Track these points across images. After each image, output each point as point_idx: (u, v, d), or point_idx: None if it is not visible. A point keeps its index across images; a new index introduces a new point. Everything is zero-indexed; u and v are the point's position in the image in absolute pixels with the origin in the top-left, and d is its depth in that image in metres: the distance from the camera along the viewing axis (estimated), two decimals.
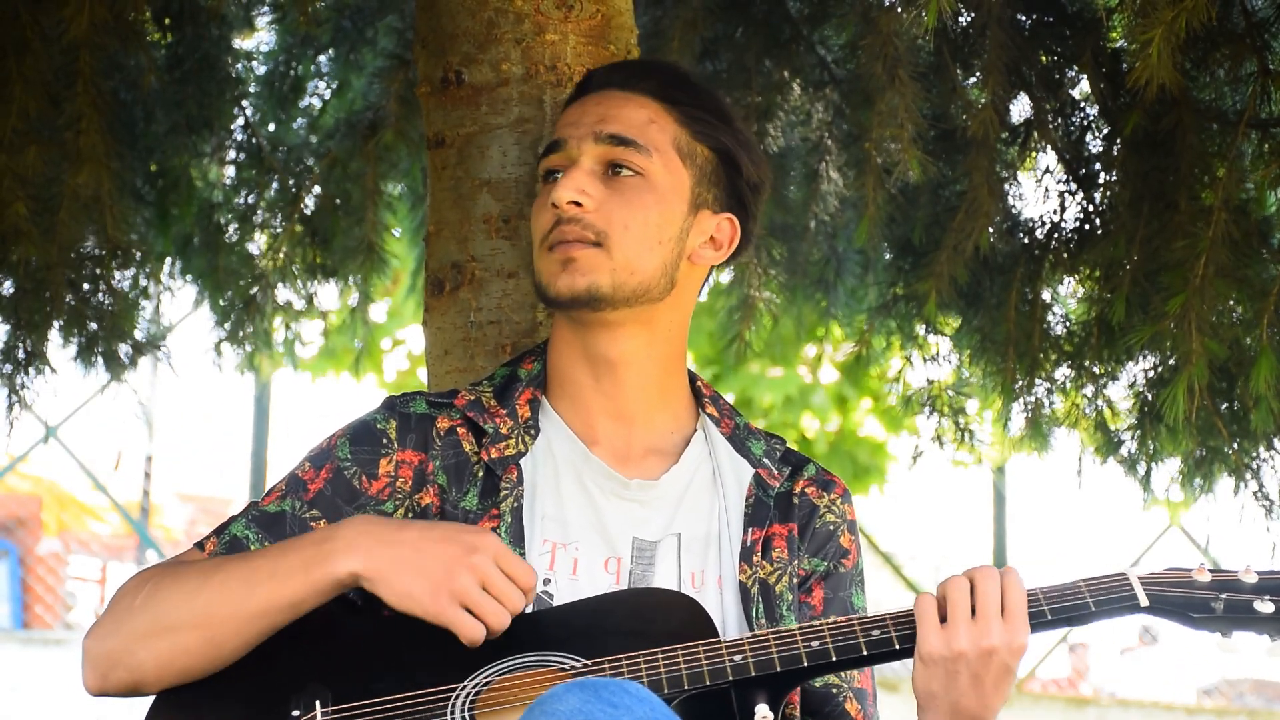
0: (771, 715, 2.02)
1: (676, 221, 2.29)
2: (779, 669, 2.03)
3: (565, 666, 2.04)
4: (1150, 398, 3.48)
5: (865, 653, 2.05)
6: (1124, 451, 3.67)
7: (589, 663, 2.04)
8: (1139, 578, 2.07)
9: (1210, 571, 2.07)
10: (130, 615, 2.12)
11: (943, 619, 2.04)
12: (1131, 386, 3.60)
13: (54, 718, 8.21)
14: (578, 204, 2.23)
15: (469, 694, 2.03)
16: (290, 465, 2.29)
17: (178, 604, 2.10)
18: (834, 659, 2.04)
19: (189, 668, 2.10)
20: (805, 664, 2.03)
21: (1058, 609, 2.06)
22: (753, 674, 2.02)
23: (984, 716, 2.05)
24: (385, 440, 2.26)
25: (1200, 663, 12.31)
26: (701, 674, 2.02)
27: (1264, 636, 2.06)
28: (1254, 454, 3.46)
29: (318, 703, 2.04)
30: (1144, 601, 2.05)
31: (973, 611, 2.03)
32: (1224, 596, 2.04)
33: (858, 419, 10.98)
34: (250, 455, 9.47)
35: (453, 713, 2.01)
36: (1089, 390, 3.65)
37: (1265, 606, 2.03)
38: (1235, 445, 3.42)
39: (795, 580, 2.27)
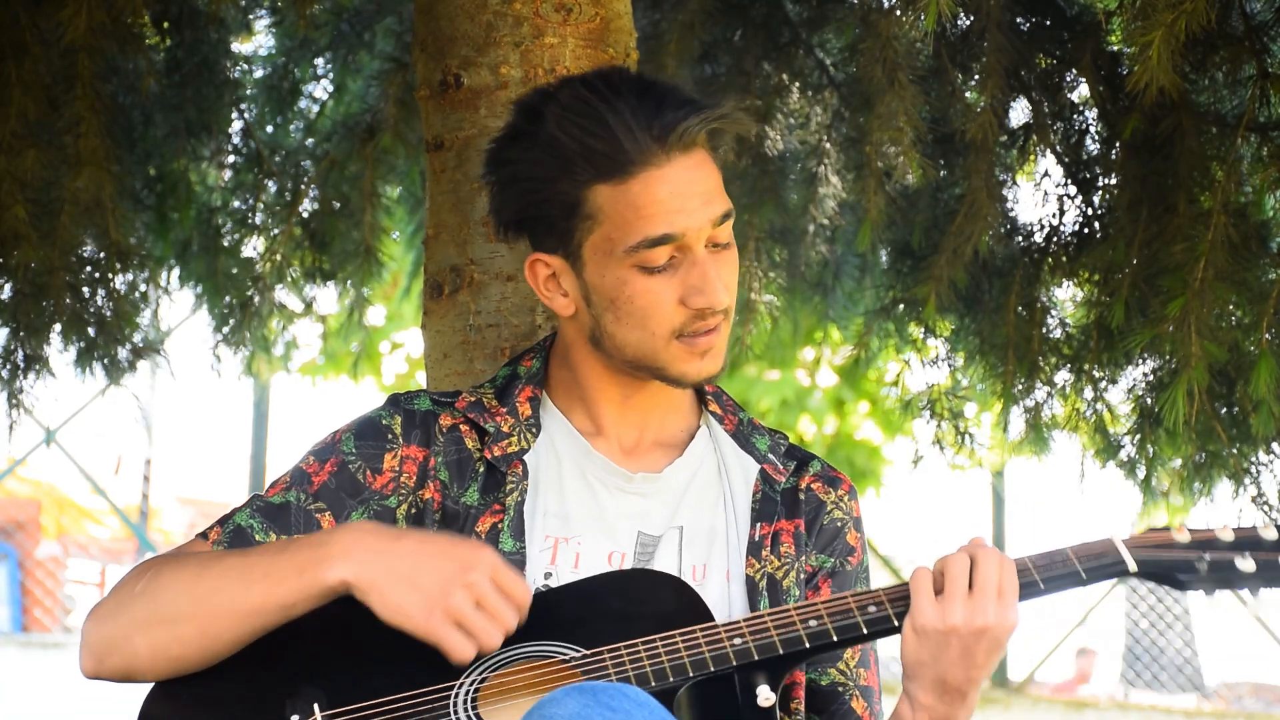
0: (774, 696, 2.03)
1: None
2: (781, 652, 2.03)
3: (566, 657, 2.04)
4: (1150, 401, 3.48)
5: (865, 631, 2.06)
6: (1123, 455, 3.67)
7: (588, 653, 2.04)
8: (1124, 541, 2.09)
9: (1189, 530, 2.11)
10: (130, 602, 2.12)
11: (938, 592, 2.05)
12: (1131, 390, 3.59)
13: None
14: None
15: (469, 691, 2.03)
16: (294, 460, 2.29)
17: (175, 595, 2.10)
18: (834, 639, 2.05)
19: (182, 658, 2.10)
20: (807, 645, 2.04)
21: (1049, 578, 2.08)
22: (755, 658, 2.02)
23: (967, 689, 2.07)
24: (390, 436, 2.26)
25: (1200, 666, 12.31)
26: (704, 660, 2.02)
27: (1245, 592, 2.10)
28: (1253, 458, 3.46)
29: (315, 706, 2.04)
30: (1133, 567, 2.09)
31: (970, 588, 2.04)
32: (1207, 556, 2.08)
33: (854, 422, 10.99)
34: (249, 458, 9.48)
35: (456, 712, 2.01)
36: (1088, 394, 3.65)
37: (1247, 564, 2.08)
38: (1235, 449, 3.42)
39: (802, 576, 2.28)
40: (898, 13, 3.04)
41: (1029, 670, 10.08)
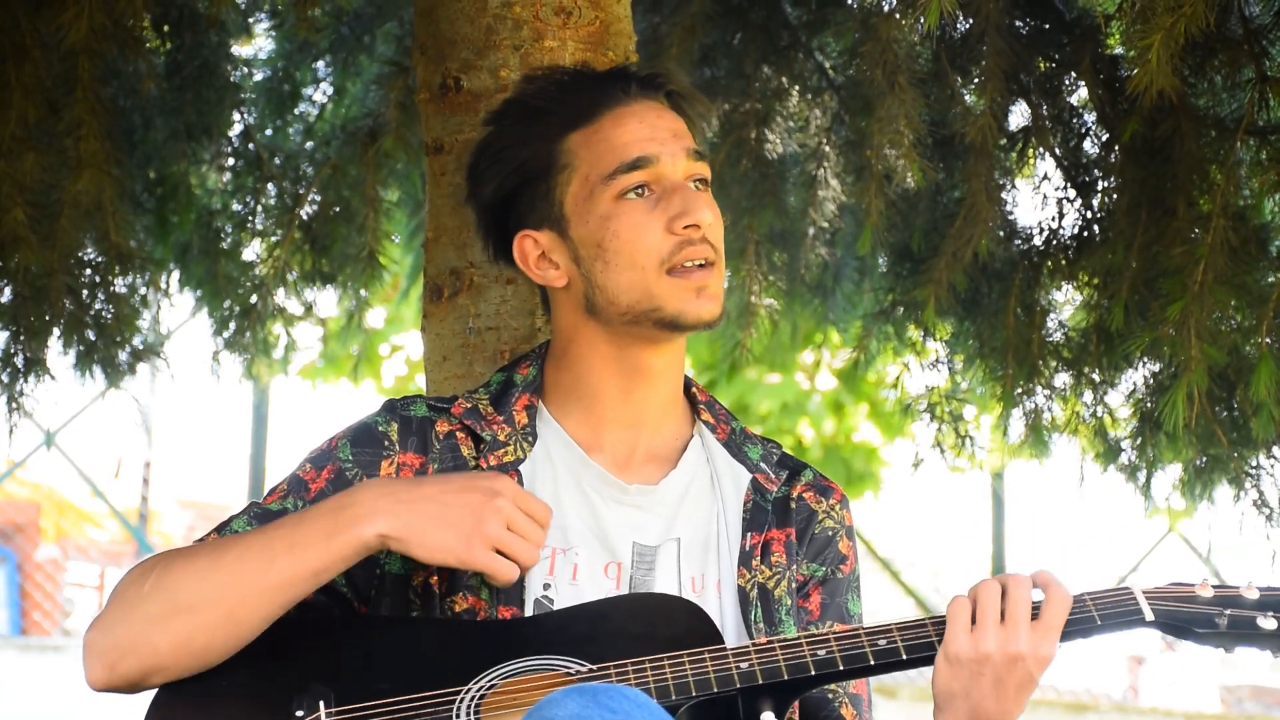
0: None
1: None
2: (786, 677, 2.03)
3: (570, 671, 2.05)
4: (1150, 405, 3.48)
5: (872, 662, 2.06)
6: (1124, 459, 3.67)
7: (594, 667, 2.04)
8: (1144, 592, 2.08)
9: (1213, 587, 2.09)
10: (140, 601, 2.09)
11: (974, 621, 2.04)
12: (1131, 394, 3.60)
13: None
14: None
15: (474, 697, 2.04)
16: (291, 467, 2.28)
17: (192, 583, 2.08)
18: (841, 668, 2.05)
19: (209, 647, 2.08)
20: (812, 673, 2.04)
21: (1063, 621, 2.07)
22: (760, 682, 2.02)
23: None
24: (387, 442, 2.26)
25: (1199, 670, 12.31)
26: (709, 681, 2.02)
27: (1266, 652, 2.07)
28: (1254, 461, 3.46)
29: (321, 703, 2.04)
30: (1149, 616, 2.07)
31: (1002, 616, 2.03)
32: (1228, 613, 2.06)
33: (853, 424, 10.99)
34: (249, 461, 9.47)
35: (458, 716, 2.01)
36: (1088, 397, 3.65)
37: (1268, 623, 2.05)
38: (1235, 453, 3.42)
39: (794, 585, 2.28)
40: (897, 15, 3.04)
41: None
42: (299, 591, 2.09)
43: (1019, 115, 3.59)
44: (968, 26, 3.35)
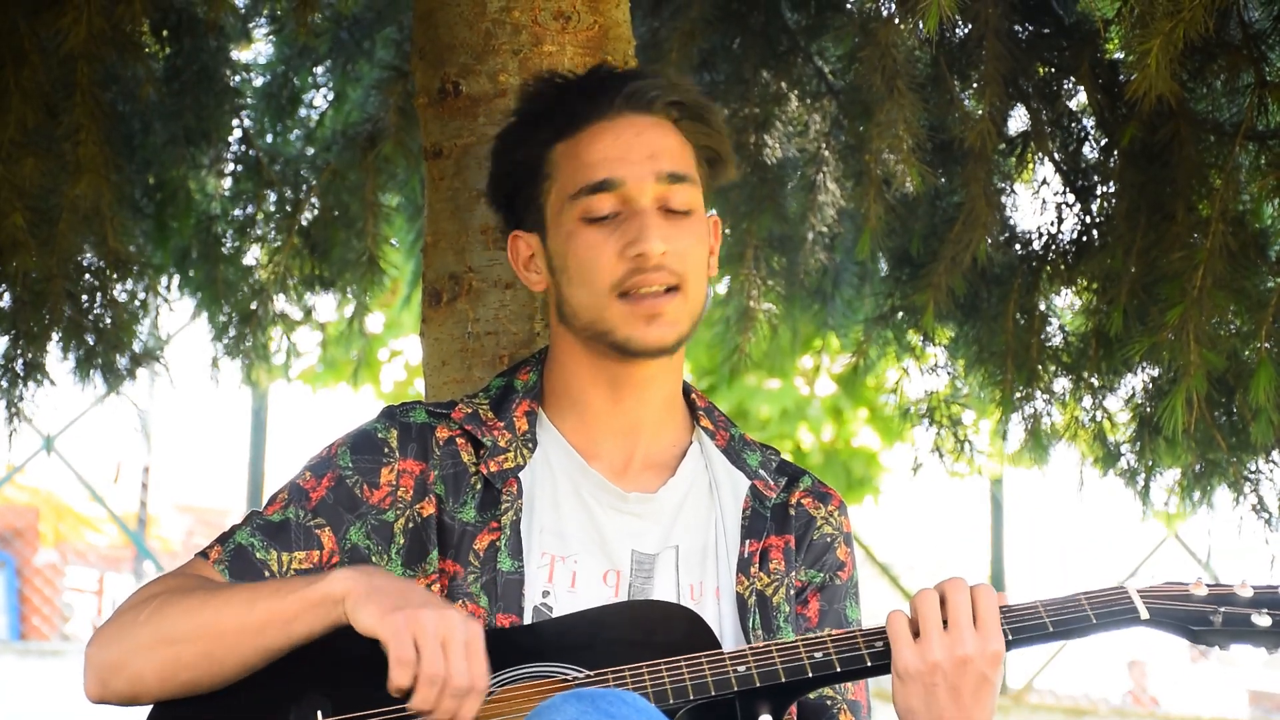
0: None
1: (707, 242, 2.28)
2: (783, 680, 2.04)
3: (568, 678, 2.04)
4: (1149, 409, 3.48)
5: (869, 664, 2.06)
6: (1123, 464, 3.67)
7: (592, 674, 2.04)
8: (1138, 591, 2.08)
9: (1208, 585, 2.09)
10: (135, 626, 2.12)
11: (916, 634, 2.04)
12: (1130, 398, 3.60)
13: None
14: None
15: None
16: (290, 475, 2.28)
17: (181, 617, 2.10)
18: (838, 670, 2.05)
19: (190, 681, 2.10)
20: (809, 675, 2.04)
21: (1059, 621, 2.07)
22: (757, 685, 2.03)
23: None
24: (386, 449, 2.26)
25: (1198, 674, 12.32)
26: (706, 684, 2.02)
27: (1261, 649, 2.08)
28: (1252, 466, 3.46)
29: (318, 712, 2.04)
30: (1144, 615, 2.07)
31: (945, 623, 2.03)
32: (1222, 610, 2.06)
33: (853, 429, 11.00)
34: (248, 466, 9.48)
35: None
36: (1087, 402, 3.65)
37: (1262, 620, 2.06)
38: (1234, 458, 3.42)
39: (792, 592, 2.28)
40: (896, 21, 3.04)
41: (1028, 678, 10.08)
42: (273, 639, 2.07)
43: (1018, 120, 3.59)
44: (967, 31, 3.35)
